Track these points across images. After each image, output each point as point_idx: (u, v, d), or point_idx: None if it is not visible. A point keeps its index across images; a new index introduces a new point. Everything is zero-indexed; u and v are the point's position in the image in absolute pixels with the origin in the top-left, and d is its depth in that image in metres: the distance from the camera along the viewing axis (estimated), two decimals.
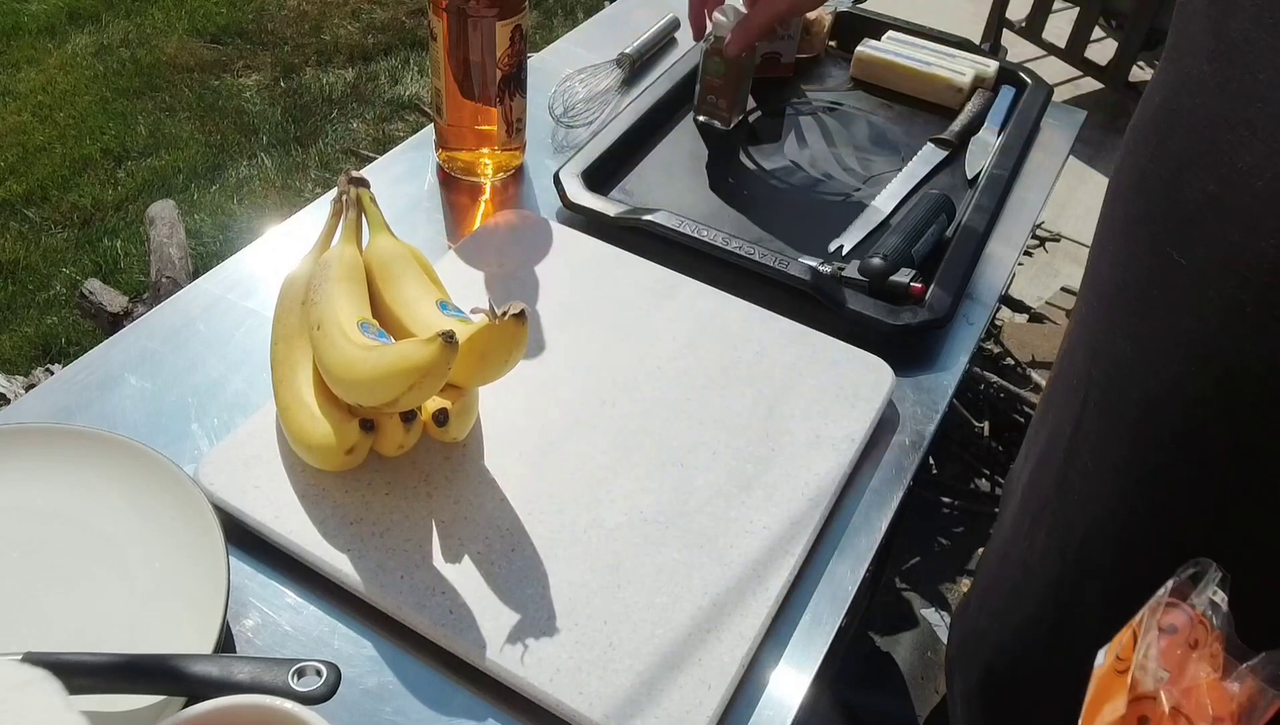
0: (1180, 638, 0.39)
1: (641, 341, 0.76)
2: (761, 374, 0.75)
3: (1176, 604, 0.40)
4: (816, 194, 0.96)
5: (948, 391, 0.79)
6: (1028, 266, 2.24)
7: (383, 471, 0.66)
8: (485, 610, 0.59)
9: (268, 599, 0.62)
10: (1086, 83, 2.83)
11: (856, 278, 0.82)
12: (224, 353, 0.77)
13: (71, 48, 2.86)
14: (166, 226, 1.80)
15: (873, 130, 1.04)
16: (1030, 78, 1.08)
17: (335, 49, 2.94)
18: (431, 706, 0.57)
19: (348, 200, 0.74)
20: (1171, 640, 0.39)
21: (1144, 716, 0.37)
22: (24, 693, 0.43)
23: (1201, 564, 0.40)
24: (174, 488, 0.62)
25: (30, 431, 0.66)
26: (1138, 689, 0.38)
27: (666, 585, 0.61)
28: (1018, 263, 0.94)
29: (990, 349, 1.90)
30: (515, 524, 0.64)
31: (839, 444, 0.70)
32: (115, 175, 2.45)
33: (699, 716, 0.55)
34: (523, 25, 0.86)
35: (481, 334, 0.60)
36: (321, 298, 0.67)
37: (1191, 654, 0.39)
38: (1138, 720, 0.37)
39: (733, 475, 0.68)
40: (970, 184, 0.97)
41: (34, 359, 1.98)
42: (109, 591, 0.59)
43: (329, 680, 0.51)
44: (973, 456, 1.76)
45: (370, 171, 0.94)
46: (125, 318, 1.68)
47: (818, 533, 0.66)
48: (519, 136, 0.94)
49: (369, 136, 2.63)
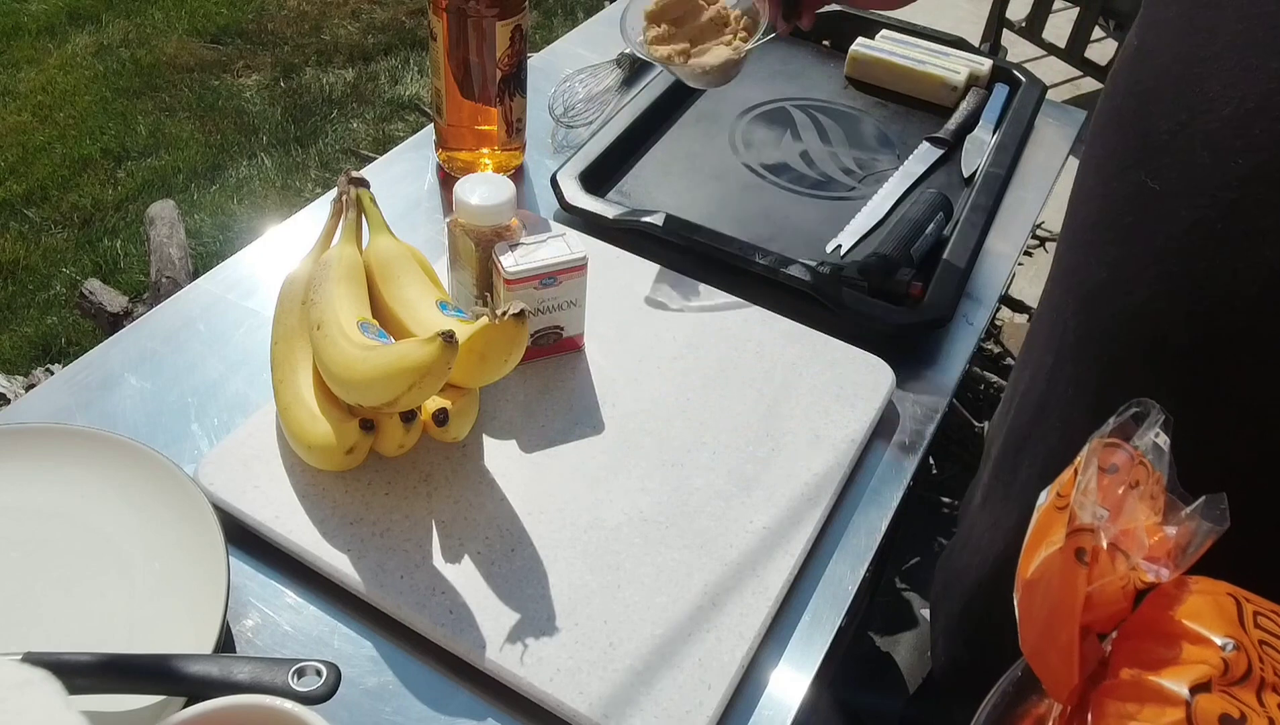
0: (1120, 477, 0.40)
1: (641, 341, 0.76)
2: (761, 374, 0.75)
3: (1119, 444, 0.40)
4: (813, 193, 0.96)
5: (948, 391, 0.79)
6: (1027, 266, 2.23)
7: (383, 471, 0.66)
8: (485, 610, 0.59)
9: (268, 599, 0.62)
10: (1086, 83, 2.82)
11: (856, 278, 0.82)
12: (224, 353, 0.77)
13: (71, 48, 2.86)
14: (166, 226, 1.80)
15: (868, 129, 1.04)
16: (1024, 75, 1.08)
17: (335, 49, 2.94)
18: (431, 706, 0.57)
19: (347, 200, 0.74)
20: (1112, 479, 0.40)
21: (1080, 548, 0.38)
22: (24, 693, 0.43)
23: (1144, 404, 0.41)
24: (174, 488, 0.62)
25: (30, 431, 0.66)
26: (1075, 521, 0.38)
27: (666, 585, 0.61)
28: (1017, 262, 0.95)
29: (990, 349, 1.90)
30: (515, 524, 0.64)
31: (839, 444, 0.70)
32: (115, 175, 2.45)
33: (699, 716, 0.55)
34: (523, 25, 0.86)
35: (481, 334, 0.60)
36: (321, 298, 0.67)
37: (1132, 493, 0.40)
38: (1075, 552, 0.38)
39: (733, 475, 0.68)
40: (966, 182, 0.97)
41: (34, 359, 1.98)
42: (109, 591, 0.59)
43: (329, 680, 0.51)
44: (973, 456, 1.76)
45: (370, 171, 0.94)
46: (125, 318, 1.68)
47: (818, 533, 0.66)
48: (519, 136, 0.94)
49: (369, 136, 2.63)
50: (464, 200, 0.71)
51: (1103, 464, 0.40)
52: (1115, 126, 0.54)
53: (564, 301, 0.73)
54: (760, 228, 0.91)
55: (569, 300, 0.73)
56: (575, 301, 0.73)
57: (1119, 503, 0.39)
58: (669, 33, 0.82)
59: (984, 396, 1.78)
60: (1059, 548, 0.38)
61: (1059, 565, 0.38)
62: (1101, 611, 0.39)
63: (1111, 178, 0.54)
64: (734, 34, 0.83)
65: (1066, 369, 0.59)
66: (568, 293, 0.72)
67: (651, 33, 0.82)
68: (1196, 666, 0.37)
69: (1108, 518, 0.39)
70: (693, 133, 1.02)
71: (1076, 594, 0.38)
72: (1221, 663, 0.36)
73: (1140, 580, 0.39)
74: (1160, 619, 0.39)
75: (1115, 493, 0.40)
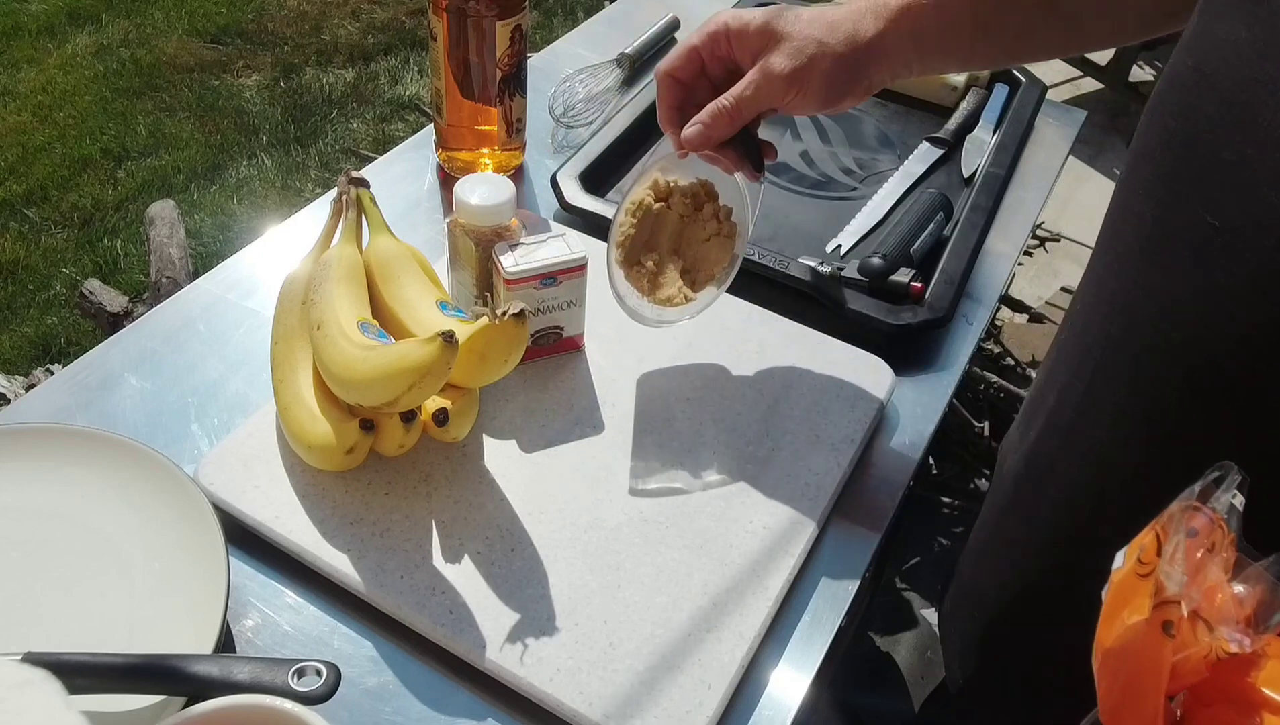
0: (1200, 541, 0.39)
1: (642, 341, 0.76)
2: (761, 374, 0.75)
3: (1199, 508, 0.39)
4: (813, 193, 0.96)
5: (948, 391, 0.79)
6: (1028, 266, 2.23)
7: (383, 471, 0.66)
8: (485, 610, 0.59)
9: (268, 599, 0.62)
10: (1087, 83, 2.82)
11: (856, 278, 0.82)
12: (224, 353, 0.77)
13: (71, 48, 2.86)
14: (166, 226, 1.80)
15: (868, 129, 1.04)
16: (1024, 75, 1.08)
17: (335, 49, 2.94)
18: (431, 706, 0.57)
19: (347, 200, 0.74)
20: (1192, 543, 0.38)
21: (1168, 621, 0.36)
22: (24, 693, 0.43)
23: (1224, 467, 0.40)
24: (174, 488, 0.62)
25: (30, 431, 0.66)
26: (1163, 593, 0.37)
27: (666, 585, 0.61)
28: (1017, 262, 0.95)
29: (990, 349, 1.90)
30: (515, 524, 0.64)
31: (839, 444, 0.70)
32: (115, 175, 2.45)
33: (699, 716, 0.55)
34: (523, 25, 0.86)
35: (481, 334, 0.60)
36: (321, 298, 0.67)
37: (1210, 558, 0.38)
38: (1161, 624, 0.36)
39: (733, 475, 0.68)
40: (967, 182, 0.97)
41: (34, 359, 1.98)
42: (109, 591, 0.59)
43: (329, 680, 0.51)
44: (973, 456, 1.76)
45: (370, 171, 0.94)
46: (125, 318, 1.68)
47: (818, 533, 0.66)
48: (519, 136, 0.94)
49: (369, 136, 2.63)
50: (464, 200, 0.71)
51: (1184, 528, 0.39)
52: (1165, 150, 0.50)
53: (564, 301, 0.73)
54: (760, 228, 0.91)
55: (569, 300, 0.73)
56: (575, 301, 0.73)
57: (1197, 568, 0.38)
58: (650, 263, 0.71)
59: (984, 396, 1.78)
60: (1144, 618, 0.37)
61: (1144, 637, 0.37)
62: (1184, 682, 0.38)
63: (1162, 206, 0.51)
64: (717, 219, 0.72)
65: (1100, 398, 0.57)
66: (568, 293, 0.72)
67: (634, 272, 0.71)
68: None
69: (1187, 583, 0.38)
70: None
71: (1162, 666, 0.36)
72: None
73: (1224, 650, 0.37)
74: (1238, 685, 0.38)
75: (1195, 557, 0.38)
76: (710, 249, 0.72)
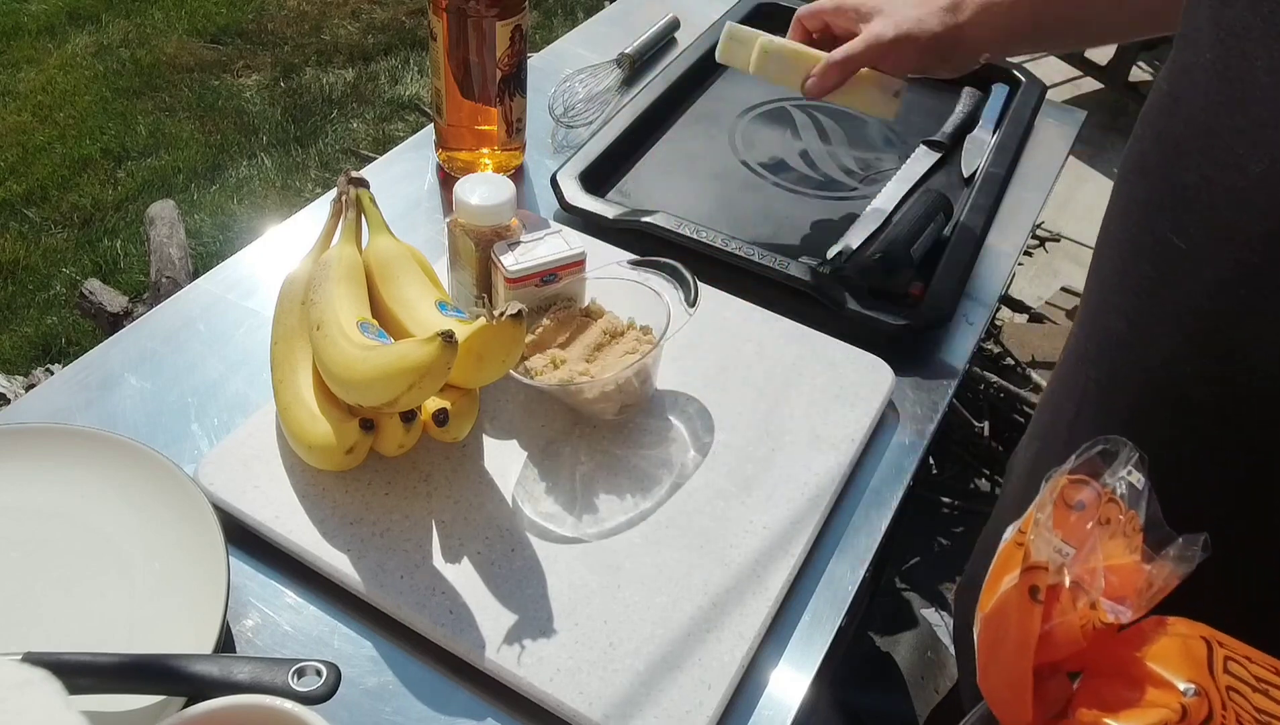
0: (1087, 514, 0.40)
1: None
2: (761, 374, 0.75)
3: (1085, 481, 0.40)
4: (814, 193, 0.96)
5: (948, 391, 0.79)
6: (1028, 266, 2.24)
7: (383, 471, 0.66)
8: (485, 610, 0.59)
9: (268, 599, 0.62)
10: (1086, 83, 2.82)
11: (856, 278, 0.82)
12: (224, 353, 0.77)
13: (71, 48, 2.86)
14: (166, 226, 1.80)
15: (868, 129, 1.04)
16: (1024, 75, 1.08)
17: (335, 49, 2.94)
18: (431, 706, 0.57)
19: (347, 200, 0.74)
20: (1080, 516, 0.39)
21: (1034, 586, 0.38)
22: (24, 693, 0.43)
23: (1113, 442, 0.41)
24: (174, 488, 0.62)
25: (30, 431, 0.66)
26: (1029, 559, 0.38)
27: (666, 585, 0.61)
28: (1017, 263, 0.95)
29: (990, 349, 1.90)
30: (515, 524, 0.64)
31: (839, 444, 0.70)
32: (115, 175, 2.45)
33: (699, 716, 0.55)
34: (523, 25, 0.86)
35: (479, 334, 0.60)
36: (321, 298, 0.67)
37: (1100, 530, 0.39)
38: (1029, 589, 0.37)
39: (733, 475, 0.68)
40: (966, 183, 0.97)
41: (34, 359, 1.98)
42: (109, 591, 0.59)
43: (329, 680, 0.51)
44: (973, 456, 1.76)
45: (370, 171, 0.94)
46: (125, 318, 1.68)
47: (818, 533, 0.66)
48: (519, 136, 0.94)
49: (369, 136, 2.63)
50: (464, 200, 0.71)
51: (1068, 500, 0.40)
52: (1140, 174, 0.52)
53: (565, 298, 0.73)
54: (760, 228, 0.91)
55: (570, 296, 0.73)
56: (575, 297, 0.73)
57: (1085, 539, 0.39)
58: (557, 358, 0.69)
59: (984, 396, 1.78)
60: (1014, 584, 0.38)
61: (1014, 602, 0.38)
62: (1061, 650, 0.38)
63: (1136, 227, 0.52)
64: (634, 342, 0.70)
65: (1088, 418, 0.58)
66: (568, 288, 0.72)
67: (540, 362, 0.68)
68: (1154, 710, 0.36)
69: (1073, 555, 0.39)
70: (693, 132, 1.02)
71: (1030, 631, 0.37)
72: (1180, 708, 0.36)
73: (1100, 620, 0.38)
74: (1127, 660, 0.39)
75: (1082, 529, 0.39)
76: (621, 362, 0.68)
